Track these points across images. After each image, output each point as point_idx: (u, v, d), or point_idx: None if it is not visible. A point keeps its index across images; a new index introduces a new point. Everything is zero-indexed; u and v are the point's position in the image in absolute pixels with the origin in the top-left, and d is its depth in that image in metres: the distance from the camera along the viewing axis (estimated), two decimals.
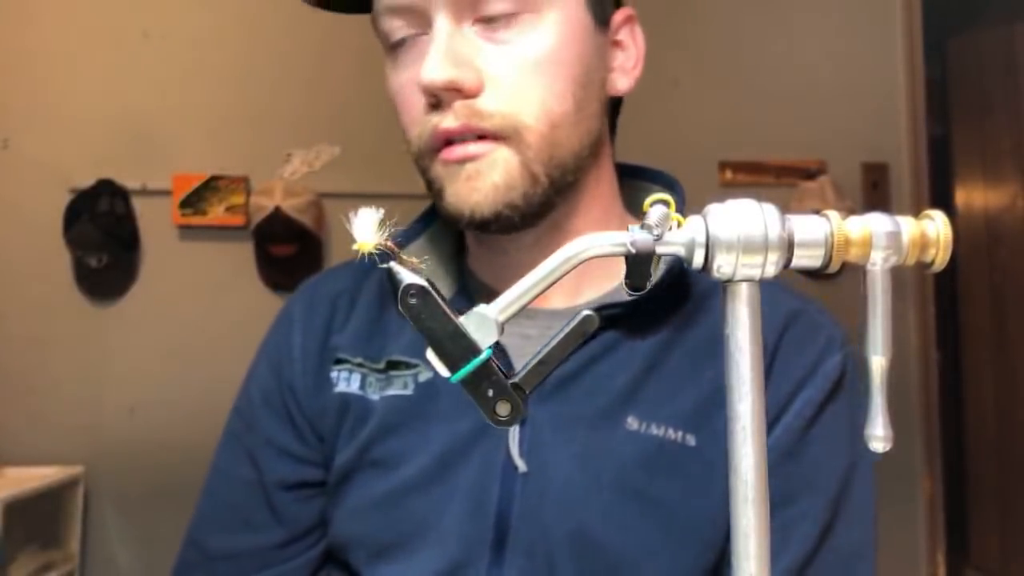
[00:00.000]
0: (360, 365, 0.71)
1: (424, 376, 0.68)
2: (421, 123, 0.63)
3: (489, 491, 0.64)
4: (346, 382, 0.71)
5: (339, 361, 0.72)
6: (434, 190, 0.64)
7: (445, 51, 0.60)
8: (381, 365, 0.70)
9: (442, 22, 0.61)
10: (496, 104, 0.60)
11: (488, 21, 0.61)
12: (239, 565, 0.72)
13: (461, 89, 0.60)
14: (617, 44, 0.68)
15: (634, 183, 0.75)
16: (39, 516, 2.07)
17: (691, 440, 0.63)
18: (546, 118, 0.61)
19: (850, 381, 0.66)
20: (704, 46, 2.34)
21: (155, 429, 2.16)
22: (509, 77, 0.61)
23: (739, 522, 0.37)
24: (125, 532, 2.20)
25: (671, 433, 0.63)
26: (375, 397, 0.70)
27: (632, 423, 0.63)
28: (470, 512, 0.64)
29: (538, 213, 0.63)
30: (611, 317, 0.64)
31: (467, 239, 0.74)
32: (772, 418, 0.63)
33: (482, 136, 0.61)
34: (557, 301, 0.68)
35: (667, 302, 0.66)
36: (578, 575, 0.62)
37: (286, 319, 0.77)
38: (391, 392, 0.69)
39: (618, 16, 0.68)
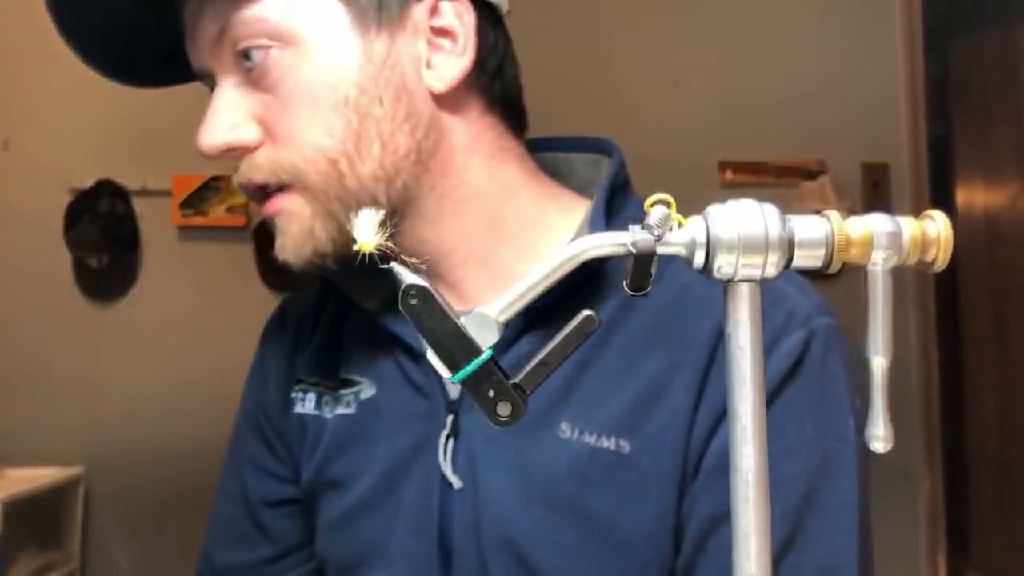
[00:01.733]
0: (316, 384, 0.71)
1: (365, 394, 0.67)
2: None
3: (430, 509, 0.62)
4: (302, 403, 0.71)
5: (299, 382, 0.72)
6: None
7: (216, 115, 0.60)
8: (335, 383, 0.70)
9: (220, 82, 0.60)
10: (268, 154, 0.60)
11: (250, 69, 0.59)
12: None
13: (235, 148, 0.60)
14: (439, 32, 0.61)
15: (552, 156, 0.71)
16: (39, 516, 2.07)
17: (625, 446, 0.58)
18: (319, 156, 0.59)
19: (815, 363, 0.57)
20: (704, 46, 2.34)
21: (155, 429, 2.16)
22: (276, 123, 0.59)
23: (739, 522, 0.37)
24: (125, 532, 2.20)
25: (604, 441, 0.58)
26: (329, 415, 0.69)
27: (564, 430, 0.59)
28: (414, 531, 0.63)
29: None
30: (539, 313, 0.60)
31: None
32: (714, 419, 0.57)
33: (278, 189, 0.60)
34: (485, 298, 0.62)
35: (598, 292, 0.61)
36: None
37: (263, 339, 0.78)
38: (339, 411, 0.68)
39: (424, 4, 0.61)
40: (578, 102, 2.06)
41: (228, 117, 0.60)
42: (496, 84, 0.65)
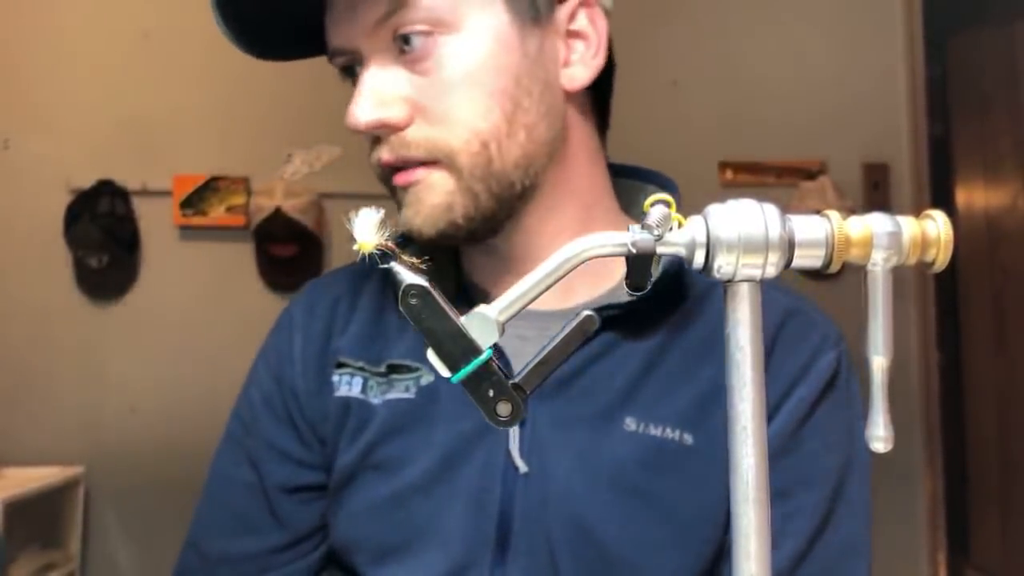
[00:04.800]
0: (361, 369, 0.71)
1: (426, 380, 0.69)
2: (370, 156, 0.66)
3: (491, 492, 0.65)
4: (348, 386, 0.71)
5: (340, 365, 0.72)
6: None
7: (369, 92, 0.63)
8: (382, 369, 0.71)
9: (368, 62, 0.63)
10: (422, 133, 0.63)
11: (408, 51, 0.62)
12: (239, 569, 0.73)
13: (387, 126, 0.63)
14: (574, 35, 0.66)
15: (629, 183, 0.75)
16: (39, 516, 2.07)
17: (689, 439, 0.63)
18: (474, 138, 0.62)
19: (844, 379, 0.66)
20: (704, 46, 2.34)
21: (155, 429, 2.16)
22: (432, 104, 0.62)
23: (739, 522, 0.37)
24: (125, 532, 2.20)
25: (669, 432, 0.63)
26: (376, 401, 0.70)
27: (630, 424, 0.64)
28: (473, 513, 0.65)
29: (491, 225, 0.65)
30: (609, 318, 0.64)
31: None
32: (767, 417, 0.64)
33: (422, 163, 0.63)
34: (552, 302, 0.67)
35: (664, 302, 0.66)
36: (580, 574, 0.63)
37: (286, 323, 0.77)
38: (392, 395, 0.69)
39: (566, 7, 0.66)
40: None
41: (380, 95, 0.63)
42: (601, 88, 0.70)
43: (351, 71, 0.66)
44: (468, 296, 0.71)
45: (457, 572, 0.64)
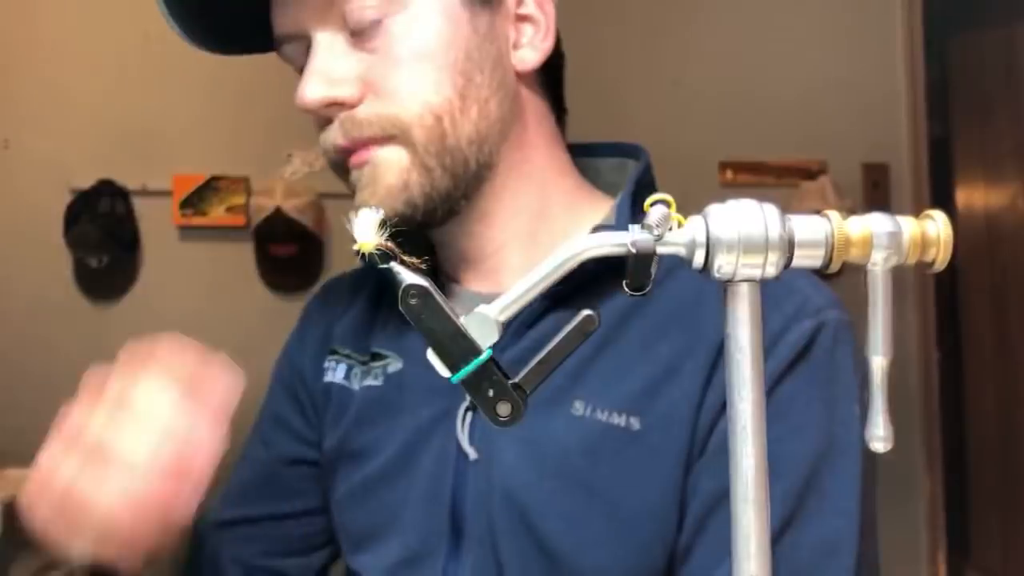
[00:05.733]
0: (348, 356, 0.74)
1: (393, 367, 0.70)
2: (321, 142, 0.66)
3: (444, 480, 0.64)
4: (333, 372, 0.74)
5: (332, 352, 0.75)
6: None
7: (319, 71, 0.62)
8: (366, 356, 0.72)
9: (315, 43, 0.63)
10: (373, 109, 0.62)
11: (358, 32, 0.62)
12: (240, 533, 0.77)
13: (337, 103, 0.62)
14: (522, 18, 0.67)
15: (585, 161, 0.74)
16: None
17: (635, 423, 0.60)
18: (427, 112, 0.62)
19: (823, 351, 0.59)
20: (704, 46, 2.34)
21: None
22: (383, 80, 0.62)
23: (739, 522, 0.37)
24: None
25: (615, 418, 0.60)
26: (356, 387, 0.72)
27: (578, 407, 0.61)
28: (427, 502, 0.65)
29: (448, 205, 0.64)
30: (562, 295, 0.62)
31: None
32: (723, 400, 0.59)
33: (372, 142, 0.63)
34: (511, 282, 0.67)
35: (623, 280, 0.64)
36: (521, 567, 0.61)
37: (305, 311, 0.82)
38: (367, 383, 0.71)
39: None
40: (577, 101, 2.06)
41: (329, 74, 0.62)
42: (553, 73, 0.71)
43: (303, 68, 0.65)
44: (439, 284, 0.70)
45: (414, 560, 0.65)
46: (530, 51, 0.67)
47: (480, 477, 0.63)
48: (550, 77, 0.71)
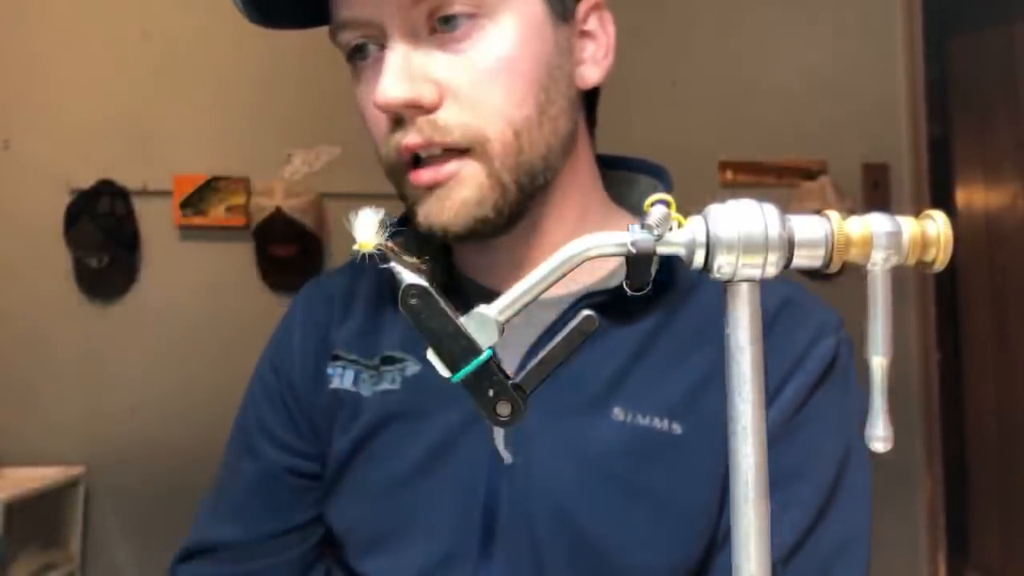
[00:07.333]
0: (354, 362, 0.72)
1: (411, 370, 0.69)
2: (387, 141, 0.63)
3: (476, 483, 0.64)
4: (340, 378, 0.72)
5: (335, 358, 0.73)
6: (407, 204, 0.65)
7: (400, 69, 0.59)
8: (375, 361, 0.71)
9: (398, 38, 0.60)
10: (456, 117, 0.60)
11: (444, 32, 0.60)
12: (229, 555, 0.74)
13: (419, 106, 0.59)
14: (585, 35, 0.66)
15: (618, 174, 0.75)
16: (40, 516, 2.07)
17: (677, 428, 0.62)
18: (508, 126, 0.60)
19: (843, 365, 0.65)
20: (704, 46, 2.34)
21: (155, 429, 2.16)
22: (467, 88, 0.60)
23: (739, 522, 0.37)
24: (125, 532, 2.20)
25: (657, 422, 0.62)
26: (367, 393, 0.70)
27: (618, 414, 0.63)
28: (459, 505, 0.65)
29: (514, 220, 0.63)
30: (598, 305, 0.63)
31: None
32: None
33: (447, 150, 0.61)
34: (551, 289, 0.68)
35: (654, 289, 0.64)
36: (567, 567, 0.62)
37: (289, 318, 0.78)
38: (381, 387, 0.70)
39: (583, 5, 0.66)
40: None
41: (409, 73, 0.60)
42: (594, 90, 0.71)
43: (361, 49, 0.63)
44: (463, 292, 0.70)
45: (443, 563, 0.64)
46: (592, 68, 0.66)
47: (517, 481, 0.63)
48: (591, 91, 0.70)
